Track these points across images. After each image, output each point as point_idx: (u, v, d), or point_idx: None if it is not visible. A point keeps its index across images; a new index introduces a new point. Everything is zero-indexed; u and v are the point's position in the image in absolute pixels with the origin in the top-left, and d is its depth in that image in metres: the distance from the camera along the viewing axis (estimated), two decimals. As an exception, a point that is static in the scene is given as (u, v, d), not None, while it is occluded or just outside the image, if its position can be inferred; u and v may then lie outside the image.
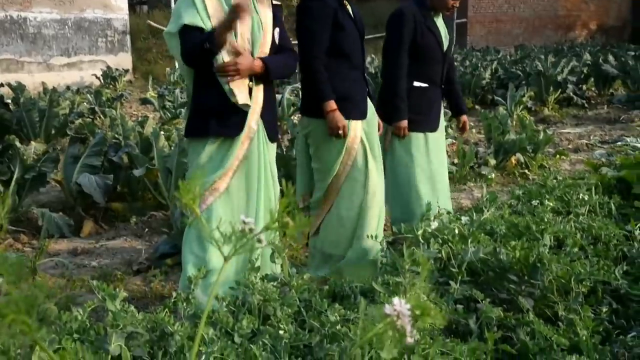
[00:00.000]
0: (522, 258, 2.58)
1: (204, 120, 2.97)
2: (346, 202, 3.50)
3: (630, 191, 4.06)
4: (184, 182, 0.66)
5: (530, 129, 6.91)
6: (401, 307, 0.65)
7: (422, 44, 3.74)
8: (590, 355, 2.03)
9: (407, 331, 0.64)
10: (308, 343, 2.24)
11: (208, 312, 2.39)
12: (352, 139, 3.39)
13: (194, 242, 2.89)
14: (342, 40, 3.37)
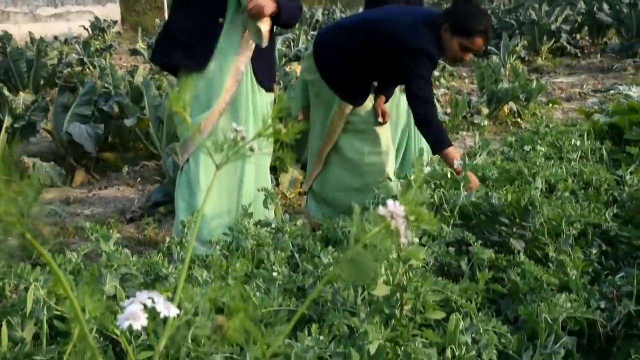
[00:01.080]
0: (513, 201, 2.60)
1: (170, 47, 2.89)
2: (348, 149, 3.47)
3: (622, 137, 4.08)
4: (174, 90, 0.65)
5: (523, 78, 6.87)
6: (395, 209, 0.64)
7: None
8: (579, 294, 2.05)
9: (401, 232, 0.64)
10: (301, 285, 2.26)
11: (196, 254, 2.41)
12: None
13: (184, 187, 2.88)
14: None
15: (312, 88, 3.45)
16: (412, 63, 3.13)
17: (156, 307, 0.66)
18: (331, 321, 1.89)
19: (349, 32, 3.32)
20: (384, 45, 3.20)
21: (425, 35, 3.15)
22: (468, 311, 1.92)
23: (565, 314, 1.84)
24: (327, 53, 3.34)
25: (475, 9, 3.31)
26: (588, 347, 1.99)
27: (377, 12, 3.37)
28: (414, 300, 1.68)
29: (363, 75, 3.36)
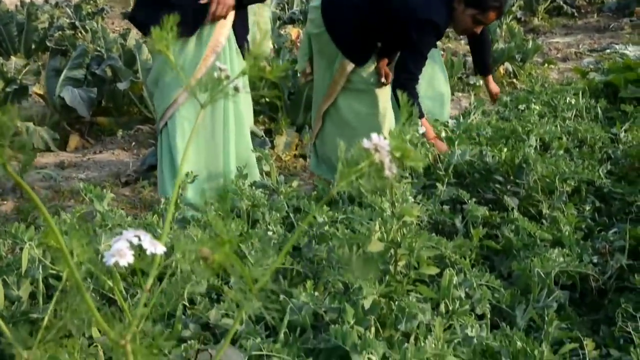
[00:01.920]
0: (507, 159, 2.60)
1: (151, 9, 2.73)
2: (345, 109, 3.45)
3: (617, 95, 4.06)
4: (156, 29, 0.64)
5: (518, 38, 6.83)
6: (379, 142, 0.64)
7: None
8: (572, 249, 2.07)
9: (386, 165, 0.64)
10: (297, 244, 2.28)
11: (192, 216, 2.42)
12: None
13: (165, 152, 2.90)
14: None
15: (315, 42, 3.41)
16: (417, 35, 3.11)
17: (142, 245, 0.66)
18: (326, 278, 1.91)
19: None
20: (395, 10, 3.16)
21: (437, 6, 3.11)
22: (462, 267, 1.94)
23: (557, 268, 1.86)
24: (336, 9, 3.28)
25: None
26: (580, 300, 2.01)
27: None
28: (408, 256, 1.69)
29: (370, 36, 3.32)
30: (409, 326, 1.56)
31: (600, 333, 1.79)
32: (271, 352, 1.44)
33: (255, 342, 1.44)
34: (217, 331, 1.66)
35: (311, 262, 2.15)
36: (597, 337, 1.78)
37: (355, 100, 3.43)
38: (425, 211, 2.24)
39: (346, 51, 3.32)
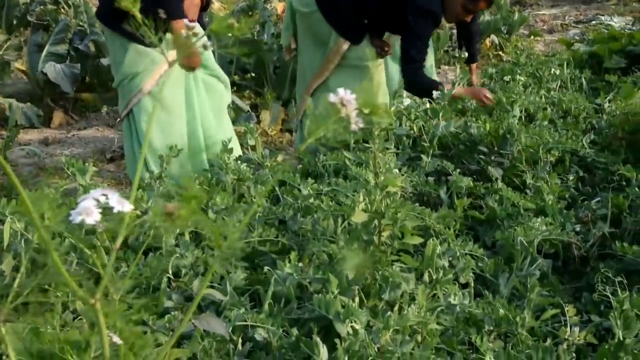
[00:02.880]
0: (492, 130, 2.61)
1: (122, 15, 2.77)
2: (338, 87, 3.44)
3: (601, 66, 4.07)
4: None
5: (504, 10, 6.81)
6: (345, 95, 0.64)
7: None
8: (555, 218, 2.09)
9: (352, 119, 0.64)
10: (282, 217, 2.28)
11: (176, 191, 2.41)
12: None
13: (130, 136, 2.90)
14: None
15: (303, 21, 3.37)
16: (416, 23, 3.13)
17: (109, 203, 0.66)
18: (311, 250, 1.91)
19: None
20: (389, 4, 3.19)
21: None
22: (446, 237, 1.96)
23: (540, 237, 1.88)
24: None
25: None
26: (563, 268, 2.04)
27: None
28: (392, 226, 1.70)
29: (368, 18, 3.31)
30: (392, 295, 1.58)
31: (582, 300, 1.82)
32: (255, 322, 1.44)
33: (239, 312, 1.45)
34: (202, 303, 1.67)
35: (296, 234, 2.16)
36: (579, 303, 1.80)
37: (350, 76, 3.42)
38: (410, 182, 2.25)
39: (342, 31, 3.30)
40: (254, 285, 1.80)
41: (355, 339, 1.33)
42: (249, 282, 1.83)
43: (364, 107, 0.63)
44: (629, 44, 4.11)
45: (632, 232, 2.01)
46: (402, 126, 2.84)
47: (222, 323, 1.30)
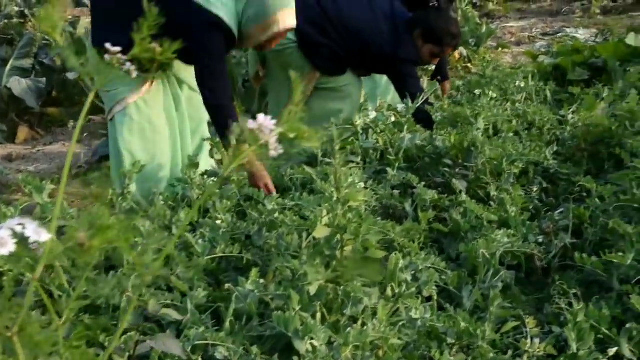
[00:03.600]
0: (456, 143, 2.63)
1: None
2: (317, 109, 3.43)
3: (565, 78, 4.13)
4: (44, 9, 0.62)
5: (472, 23, 6.87)
6: (264, 122, 0.64)
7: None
8: (518, 230, 2.11)
9: (271, 145, 0.64)
10: (248, 232, 2.27)
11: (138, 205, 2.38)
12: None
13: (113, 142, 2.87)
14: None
15: (274, 57, 3.33)
16: (403, 67, 3.27)
17: (26, 233, 0.65)
18: (275, 266, 1.90)
19: (333, 26, 3.22)
20: (371, 53, 3.26)
21: (407, 43, 3.25)
22: (411, 250, 1.96)
23: (502, 249, 1.89)
24: (313, 35, 3.21)
25: (447, 17, 3.42)
26: (526, 279, 2.05)
27: (354, 10, 3.28)
28: (354, 241, 1.70)
29: (349, 63, 3.36)
30: (354, 310, 1.57)
31: (544, 311, 1.83)
32: (215, 341, 1.43)
33: (198, 331, 1.43)
34: (163, 322, 1.65)
35: (261, 249, 2.15)
36: (541, 315, 1.81)
37: (328, 99, 3.42)
38: (372, 196, 2.25)
39: (323, 70, 3.32)
40: (217, 303, 1.78)
41: (314, 356, 1.32)
42: (211, 299, 1.81)
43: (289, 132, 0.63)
44: (591, 56, 4.19)
45: (593, 242, 2.04)
46: (369, 139, 2.85)
47: (179, 343, 1.28)
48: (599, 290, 1.83)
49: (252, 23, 2.61)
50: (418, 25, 3.27)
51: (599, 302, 1.67)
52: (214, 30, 2.58)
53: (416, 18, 3.35)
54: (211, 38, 2.59)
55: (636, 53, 4.11)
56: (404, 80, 3.26)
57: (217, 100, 2.65)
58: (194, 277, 1.94)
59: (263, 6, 2.59)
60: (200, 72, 2.67)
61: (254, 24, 2.61)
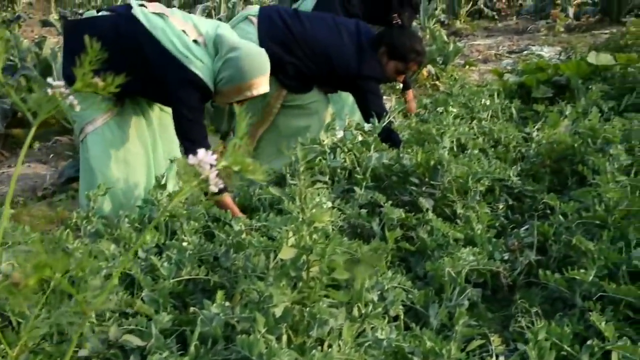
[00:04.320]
0: (423, 161, 2.64)
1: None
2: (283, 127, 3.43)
3: (530, 95, 4.20)
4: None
5: (440, 41, 6.97)
6: (204, 157, 0.64)
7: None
8: (484, 247, 2.12)
9: (211, 180, 0.64)
10: (215, 254, 2.25)
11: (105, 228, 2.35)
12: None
13: (84, 162, 2.85)
14: None
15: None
16: (368, 85, 3.28)
17: None
18: (241, 287, 1.89)
19: (299, 46, 3.23)
20: (336, 72, 3.27)
21: (371, 61, 3.27)
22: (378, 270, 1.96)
23: (468, 267, 1.90)
24: (279, 53, 3.20)
25: (411, 35, 3.47)
26: (493, 296, 2.06)
27: (320, 30, 3.30)
28: (320, 261, 1.69)
29: (316, 81, 3.37)
30: (320, 332, 1.57)
31: (510, 328, 1.84)
32: (179, 366, 1.41)
33: (162, 356, 1.41)
34: (127, 347, 1.62)
35: (229, 271, 2.13)
36: (507, 332, 1.83)
37: (294, 116, 3.43)
38: (340, 216, 2.25)
39: (289, 88, 3.33)
40: (182, 326, 1.76)
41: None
42: (177, 322, 1.79)
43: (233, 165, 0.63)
44: (555, 74, 4.27)
45: (557, 259, 2.06)
46: (337, 158, 2.86)
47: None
48: (563, 306, 1.85)
49: (227, 84, 2.67)
50: (382, 43, 3.31)
51: (562, 318, 1.69)
52: (192, 86, 2.65)
53: (380, 36, 3.39)
54: (189, 92, 2.67)
55: (597, 71, 4.20)
56: (366, 99, 3.26)
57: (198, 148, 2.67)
58: (160, 300, 1.92)
59: (239, 71, 2.64)
60: (179, 123, 2.72)
61: (228, 86, 2.66)
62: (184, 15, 2.81)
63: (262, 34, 3.21)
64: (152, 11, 2.71)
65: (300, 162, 1.68)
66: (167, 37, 2.62)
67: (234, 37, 2.74)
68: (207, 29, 2.73)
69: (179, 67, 2.62)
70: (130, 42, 2.64)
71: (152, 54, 2.62)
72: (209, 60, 2.67)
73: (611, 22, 8.71)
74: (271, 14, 3.30)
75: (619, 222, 2.03)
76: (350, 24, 3.37)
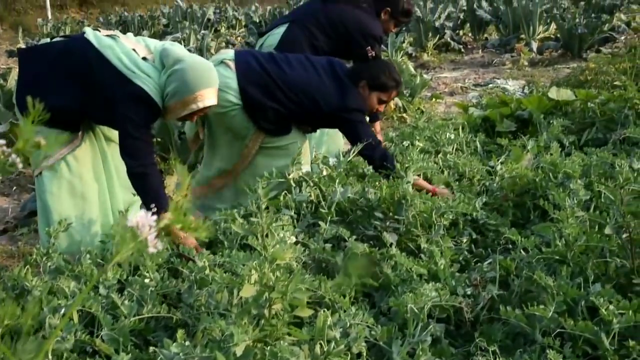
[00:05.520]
0: (387, 196, 2.67)
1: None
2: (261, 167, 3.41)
3: (494, 129, 4.27)
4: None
5: (407, 74, 7.06)
6: (144, 219, 0.64)
7: None
8: (447, 283, 2.14)
9: (150, 242, 0.64)
10: (179, 290, 2.23)
11: (65, 265, 2.31)
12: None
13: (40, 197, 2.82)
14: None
15: (216, 119, 3.29)
16: (352, 116, 3.29)
17: None
18: (203, 325, 1.87)
19: (279, 89, 3.23)
20: (322, 110, 3.27)
21: (354, 94, 3.30)
22: (341, 306, 1.96)
23: (430, 303, 1.91)
24: (258, 97, 3.20)
25: (387, 65, 3.53)
26: (456, 332, 2.07)
27: (297, 71, 3.30)
28: (282, 299, 1.69)
29: (295, 122, 3.39)
30: (281, 371, 1.55)
31: (472, 365, 1.85)
32: (136, 409, 1.38)
33: (118, 399, 1.38)
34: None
35: (191, 308, 2.11)
36: (469, 367, 1.83)
37: (273, 156, 3.40)
38: (304, 251, 2.25)
39: (268, 131, 3.32)
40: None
41: (237, 422, 1.30)
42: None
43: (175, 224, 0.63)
44: (517, 108, 4.35)
45: (518, 294, 2.08)
46: (303, 192, 2.87)
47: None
48: (524, 342, 1.86)
49: (173, 99, 2.66)
50: (362, 77, 3.32)
51: (522, 355, 1.70)
52: (138, 102, 2.63)
53: (358, 69, 3.41)
54: (135, 109, 2.64)
55: (558, 106, 4.30)
56: (356, 129, 3.25)
57: (140, 169, 2.66)
58: (120, 339, 1.89)
59: (184, 83, 2.64)
60: (123, 141, 2.69)
61: (175, 100, 2.66)
62: (138, 37, 2.81)
63: (241, 79, 3.20)
64: (104, 34, 2.72)
65: (262, 199, 1.68)
66: (115, 54, 2.62)
67: (180, 50, 2.73)
68: (156, 45, 2.74)
69: (126, 82, 2.60)
70: (81, 63, 2.64)
71: (100, 72, 2.61)
72: (156, 75, 2.65)
73: (573, 57, 8.94)
74: (248, 59, 3.30)
75: (578, 258, 2.06)
76: (323, 61, 3.40)
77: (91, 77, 2.63)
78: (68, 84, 2.65)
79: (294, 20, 4.03)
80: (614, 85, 4.70)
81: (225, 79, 3.15)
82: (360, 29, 3.98)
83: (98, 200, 2.88)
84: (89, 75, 2.62)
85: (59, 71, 2.67)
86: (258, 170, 3.39)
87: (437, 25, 11.31)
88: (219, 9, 17.49)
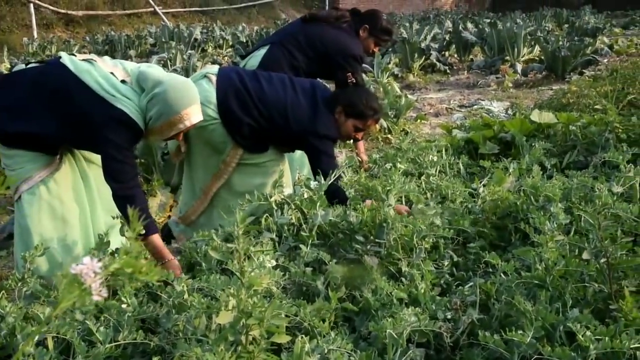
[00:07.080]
0: (369, 219, 2.66)
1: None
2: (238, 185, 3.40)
3: (477, 151, 4.29)
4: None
5: (392, 95, 7.09)
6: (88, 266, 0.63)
7: None
8: (428, 307, 2.13)
9: (94, 290, 0.63)
10: (157, 315, 2.21)
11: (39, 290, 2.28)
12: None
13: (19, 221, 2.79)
14: None
15: (195, 133, 3.30)
16: (320, 143, 3.28)
17: None
18: (180, 351, 1.85)
19: (255, 105, 3.24)
20: (292, 130, 3.28)
21: (327, 120, 3.29)
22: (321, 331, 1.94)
23: (409, 328, 1.90)
24: (235, 112, 3.22)
25: (366, 92, 3.52)
26: (436, 356, 2.06)
27: (276, 89, 3.32)
28: (259, 325, 1.67)
29: (271, 141, 3.38)
30: (257, 400, 1.53)
31: (452, 390, 1.83)
32: None
33: None
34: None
35: (169, 333, 2.09)
36: (449, 394, 1.82)
37: (249, 174, 3.41)
38: (282, 276, 2.23)
39: (245, 147, 3.32)
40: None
41: None
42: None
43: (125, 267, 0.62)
44: (500, 130, 4.38)
45: (498, 318, 2.07)
46: (284, 215, 2.86)
47: None
48: (504, 366, 1.85)
49: (158, 121, 2.67)
50: (339, 103, 3.33)
51: (501, 381, 1.69)
52: (120, 125, 2.63)
53: (336, 96, 3.42)
54: (117, 132, 2.64)
55: (540, 128, 4.33)
56: (318, 158, 3.26)
57: (125, 191, 2.66)
58: (95, 366, 1.86)
59: (167, 105, 2.65)
60: (106, 164, 2.68)
61: (160, 122, 2.66)
62: (114, 60, 2.81)
63: (220, 93, 3.22)
64: (80, 58, 2.71)
65: (240, 225, 1.66)
66: (93, 78, 2.62)
67: (157, 71, 2.73)
68: (132, 69, 2.74)
69: (106, 106, 2.60)
70: (59, 89, 2.63)
71: (79, 97, 2.61)
72: (135, 98, 2.66)
73: (556, 79, 9.04)
74: (230, 74, 3.32)
75: (557, 282, 2.06)
76: (306, 84, 3.41)
77: (70, 103, 2.62)
78: (45, 110, 2.64)
79: (275, 41, 4.06)
80: (595, 109, 4.75)
81: (206, 92, 3.18)
82: (340, 48, 4.01)
83: (79, 222, 2.86)
84: (67, 100, 2.62)
85: (36, 98, 2.66)
86: (235, 188, 3.39)
87: (423, 46, 11.40)
88: (206, 28, 17.55)
